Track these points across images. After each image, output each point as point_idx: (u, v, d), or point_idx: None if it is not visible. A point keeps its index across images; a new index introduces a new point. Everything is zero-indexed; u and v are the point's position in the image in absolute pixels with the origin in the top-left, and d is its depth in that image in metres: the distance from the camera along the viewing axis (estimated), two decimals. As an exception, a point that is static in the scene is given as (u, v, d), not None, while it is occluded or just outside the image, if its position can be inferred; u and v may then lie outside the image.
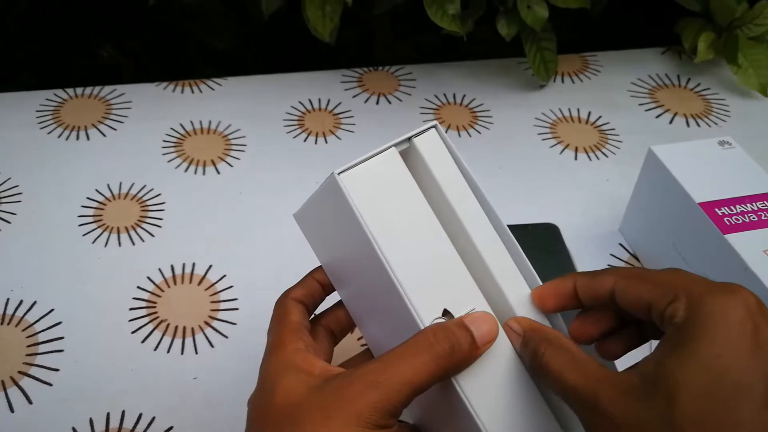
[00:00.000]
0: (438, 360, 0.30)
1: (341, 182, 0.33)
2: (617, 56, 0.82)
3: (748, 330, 0.25)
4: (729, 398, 0.23)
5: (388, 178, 0.35)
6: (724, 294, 0.26)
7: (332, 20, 0.65)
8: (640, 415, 0.25)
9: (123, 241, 0.59)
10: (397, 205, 0.34)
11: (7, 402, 0.48)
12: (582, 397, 0.28)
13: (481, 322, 0.32)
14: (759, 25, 0.74)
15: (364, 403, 0.28)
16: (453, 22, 0.65)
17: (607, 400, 0.26)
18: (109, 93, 0.74)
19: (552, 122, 0.73)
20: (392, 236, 0.33)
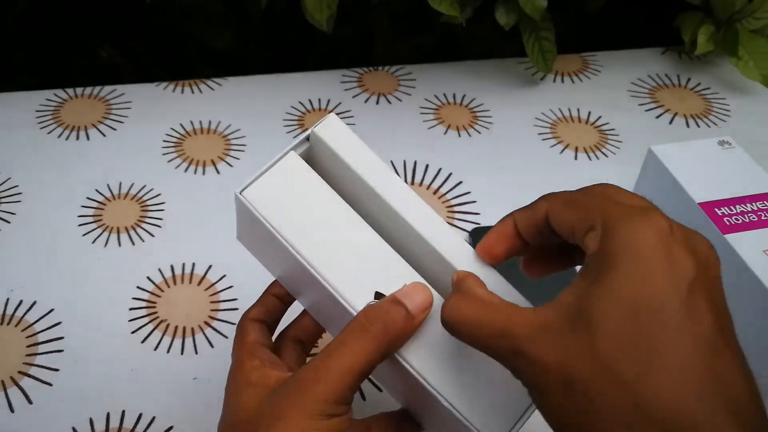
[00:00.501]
0: (374, 341, 0.30)
1: (244, 200, 0.34)
2: (617, 56, 0.82)
3: (660, 255, 0.24)
4: (647, 327, 0.23)
5: (293, 182, 0.35)
6: (634, 221, 0.25)
7: (330, 7, 0.65)
8: (562, 352, 0.24)
9: (123, 241, 0.59)
10: (307, 206, 0.35)
11: (7, 402, 0.48)
12: (501, 344, 0.26)
13: (414, 292, 0.32)
14: (759, 18, 0.74)
15: (309, 398, 0.29)
16: (452, 7, 0.65)
17: (527, 341, 0.25)
18: (109, 93, 0.74)
19: (552, 122, 0.73)
20: (309, 237, 0.34)
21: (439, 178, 0.66)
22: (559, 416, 0.25)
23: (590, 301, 0.24)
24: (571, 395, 0.24)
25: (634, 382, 0.23)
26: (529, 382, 0.26)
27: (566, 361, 0.24)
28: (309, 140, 0.37)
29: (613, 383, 0.23)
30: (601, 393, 0.23)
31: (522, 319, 0.26)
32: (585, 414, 0.24)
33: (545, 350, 0.25)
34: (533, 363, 0.25)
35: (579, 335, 0.24)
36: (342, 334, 0.31)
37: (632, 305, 0.24)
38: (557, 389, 0.24)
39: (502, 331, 0.26)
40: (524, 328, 0.26)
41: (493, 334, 0.27)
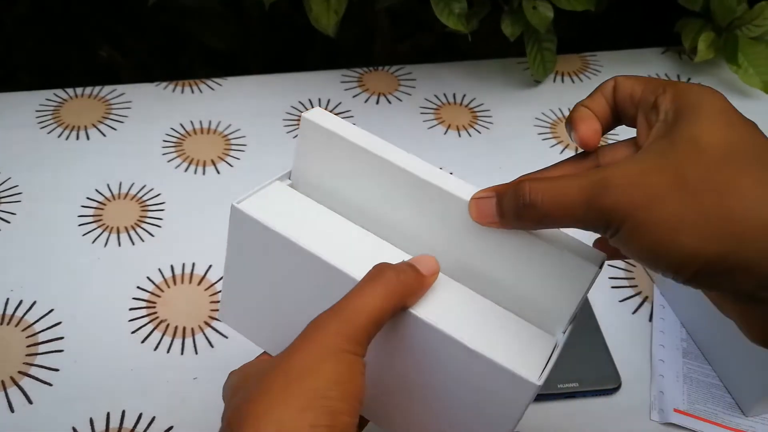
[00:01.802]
0: (387, 286, 0.31)
1: (242, 209, 0.35)
2: (617, 56, 0.82)
3: (733, 111, 0.29)
4: (738, 163, 0.27)
5: (282, 199, 0.37)
6: (702, 88, 0.30)
7: (337, 13, 0.65)
8: (654, 189, 0.27)
9: (123, 241, 0.59)
10: (299, 214, 0.37)
11: (7, 402, 0.48)
12: (599, 203, 0.28)
13: (422, 258, 0.34)
14: (759, 25, 0.74)
15: (327, 332, 0.29)
16: (459, 21, 0.65)
17: (625, 188, 0.28)
18: (109, 93, 0.74)
19: (552, 122, 0.73)
20: (308, 235, 0.35)
21: (439, 178, 0.66)
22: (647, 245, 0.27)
23: (679, 146, 0.28)
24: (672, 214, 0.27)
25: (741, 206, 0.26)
26: (625, 225, 0.28)
27: (658, 197, 0.27)
28: (290, 177, 0.40)
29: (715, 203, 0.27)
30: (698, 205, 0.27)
31: (617, 173, 0.28)
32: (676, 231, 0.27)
33: (644, 193, 0.27)
34: (637, 210, 0.27)
35: (667, 172, 0.27)
36: (358, 284, 0.32)
37: (722, 145, 0.28)
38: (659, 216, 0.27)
39: (595, 190, 0.28)
40: (622, 179, 0.28)
41: (589, 195, 0.28)
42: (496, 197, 0.33)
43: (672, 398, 0.49)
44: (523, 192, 0.30)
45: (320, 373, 0.28)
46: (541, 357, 0.33)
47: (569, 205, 0.29)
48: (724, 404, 0.49)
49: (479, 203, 0.34)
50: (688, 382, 0.50)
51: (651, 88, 0.31)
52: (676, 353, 0.52)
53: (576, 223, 0.29)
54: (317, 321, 0.30)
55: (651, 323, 0.54)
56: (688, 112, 0.29)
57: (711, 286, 0.29)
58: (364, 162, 0.37)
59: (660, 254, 0.28)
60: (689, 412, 0.48)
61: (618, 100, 0.33)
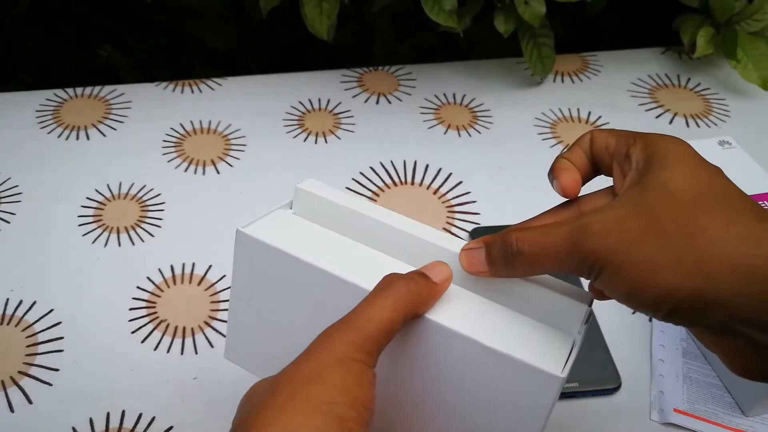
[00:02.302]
0: (397, 295, 0.31)
1: (249, 233, 0.36)
2: (617, 56, 0.82)
3: (699, 158, 0.32)
4: (687, 206, 0.30)
5: (285, 224, 0.38)
6: (669, 138, 0.33)
7: (329, 17, 0.65)
8: (629, 234, 0.29)
9: (123, 241, 0.59)
10: (304, 237, 0.37)
11: (7, 402, 0.48)
12: (580, 249, 0.30)
13: (433, 265, 0.34)
14: (758, 20, 0.74)
15: (337, 341, 0.30)
16: (450, 18, 0.65)
17: (603, 234, 0.30)
18: (109, 93, 0.74)
19: (552, 122, 0.73)
20: (316, 253, 0.35)
21: (439, 178, 0.66)
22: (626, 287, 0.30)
23: (650, 193, 0.31)
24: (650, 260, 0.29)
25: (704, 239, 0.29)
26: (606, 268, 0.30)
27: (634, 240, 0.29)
28: (291, 206, 0.40)
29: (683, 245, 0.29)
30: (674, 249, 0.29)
31: (595, 219, 0.31)
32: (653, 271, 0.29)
33: (620, 237, 0.30)
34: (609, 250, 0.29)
35: (641, 216, 0.30)
36: (370, 294, 0.32)
37: (690, 190, 0.30)
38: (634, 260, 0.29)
39: (575, 239, 0.30)
40: (600, 225, 0.30)
41: (568, 242, 0.31)
42: (484, 247, 0.34)
43: (672, 398, 0.49)
44: (511, 241, 0.32)
45: (328, 380, 0.28)
46: (561, 352, 0.32)
47: (554, 251, 0.31)
48: (724, 404, 0.49)
49: (469, 254, 0.35)
50: (688, 382, 0.50)
51: (623, 140, 0.34)
52: (676, 353, 0.52)
53: (561, 268, 0.32)
54: (327, 331, 0.30)
55: (651, 323, 0.54)
56: (657, 160, 0.32)
57: (689, 322, 0.30)
58: (354, 225, 0.37)
59: (638, 294, 0.30)
60: (689, 412, 0.48)
61: (595, 152, 0.36)
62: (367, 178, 0.66)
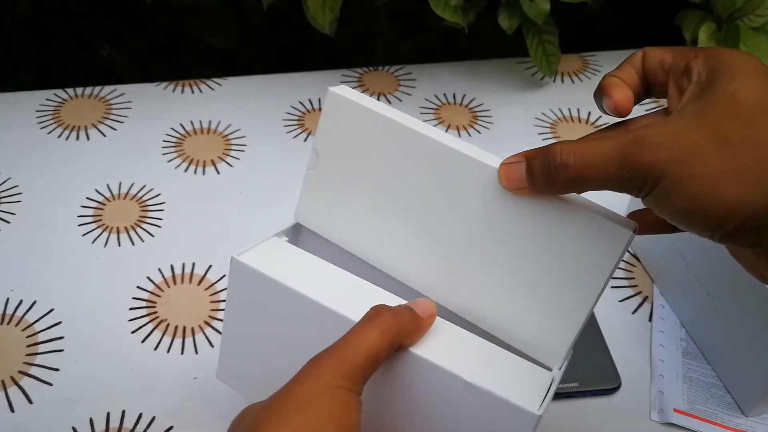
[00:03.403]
0: (383, 325, 0.32)
1: (243, 261, 0.37)
2: (617, 56, 0.82)
3: (762, 69, 0.29)
4: (758, 117, 0.27)
5: (279, 252, 0.39)
6: (735, 50, 0.30)
7: (332, 11, 0.65)
8: (692, 145, 0.27)
9: (123, 241, 0.59)
10: (296, 266, 0.38)
11: (7, 402, 0.48)
12: (634, 159, 0.28)
13: (419, 301, 0.35)
14: (760, 15, 0.74)
15: (324, 368, 0.30)
16: (455, 14, 0.65)
17: (662, 145, 0.28)
18: (109, 93, 0.74)
19: (552, 122, 0.73)
20: (307, 283, 0.36)
21: (439, 178, 0.66)
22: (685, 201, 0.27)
23: (717, 104, 0.28)
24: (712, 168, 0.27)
25: None
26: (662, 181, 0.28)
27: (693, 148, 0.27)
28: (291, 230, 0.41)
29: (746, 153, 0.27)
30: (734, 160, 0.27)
31: (653, 131, 0.28)
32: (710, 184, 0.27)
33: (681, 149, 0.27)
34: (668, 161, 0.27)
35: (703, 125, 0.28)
36: (355, 325, 0.32)
37: (761, 101, 0.28)
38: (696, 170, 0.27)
39: (634, 144, 0.28)
40: (658, 137, 0.28)
41: (619, 154, 0.28)
42: (525, 161, 0.32)
43: (672, 398, 0.49)
44: (554, 153, 0.30)
45: (316, 407, 0.29)
46: (539, 389, 0.33)
47: (602, 163, 0.29)
48: (724, 404, 0.49)
49: (509, 168, 0.33)
50: (688, 382, 0.50)
51: (681, 54, 0.32)
52: (676, 353, 0.52)
53: (609, 182, 0.29)
54: (315, 359, 0.31)
55: (651, 323, 0.54)
56: (724, 71, 0.29)
57: (752, 242, 0.28)
58: (389, 132, 0.37)
59: (699, 209, 0.27)
60: (689, 412, 0.48)
61: (647, 69, 0.33)
62: (367, 178, 0.66)
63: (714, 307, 0.48)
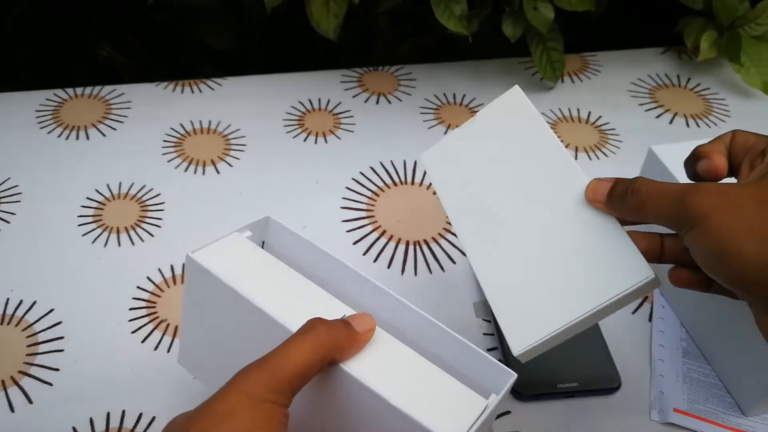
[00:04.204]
0: (315, 339, 0.32)
1: (197, 259, 0.37)
2: (617, 56, 0.82)
3: None
4: None
5: (237, 249, 0.39)
6: None
7: (336, 17, 0.65)
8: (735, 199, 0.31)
9: (123, 241, 0.59)
10: (251, 265, 0.38)
11: (7, 402, 0.48)
12: (685, 200, 0.32)
13: (358, 316, 0.35)
14: (761, 24, 0.74)
15: (250, 380, 0.30)
16: (459, 23, 0.65)
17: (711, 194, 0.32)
18: (109, 93, 0.74)
19: (552, 122, 0.73)
20: (256, 287, 0.36)
21: (439, 178, 0.66)
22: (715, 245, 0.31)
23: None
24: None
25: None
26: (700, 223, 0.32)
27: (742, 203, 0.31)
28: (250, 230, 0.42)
29: None
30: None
31: (710, 185, 0.33)
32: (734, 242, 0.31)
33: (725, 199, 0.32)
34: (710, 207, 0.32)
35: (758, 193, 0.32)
36: (288, 337, 0.33)
37: None
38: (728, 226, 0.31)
39: (691, 189, 0.33)
40: (712, 188, 0.32)
41: (677, 194, 0.33)
42: (614, 181, 0.37)
43: (672, 398, 0.49)
44: (634, 181, 0.36)
45: (239, 420, 0.29)
46: (468, 417, 0.33)
47: (663, 197, 0.34)
48: (724, 404, 0.49)
49: (598, 183, 0.38)
50: (688, 381, 0.50)
51: (763, 139, 0.36)
52: (676, 353, 0.52)
53: (664, 215, 0.34)
54: (243, 370, 0.31)
55: (651, 323, 0.54)
56: None
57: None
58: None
59: (725, 254, 0.31)
60: (689, 411, 0.48)
61: (734, 147, 0.37)
62: (367, 178, 0.66)
63: (714, 307, 0.48)
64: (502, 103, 0.46)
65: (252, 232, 0.41)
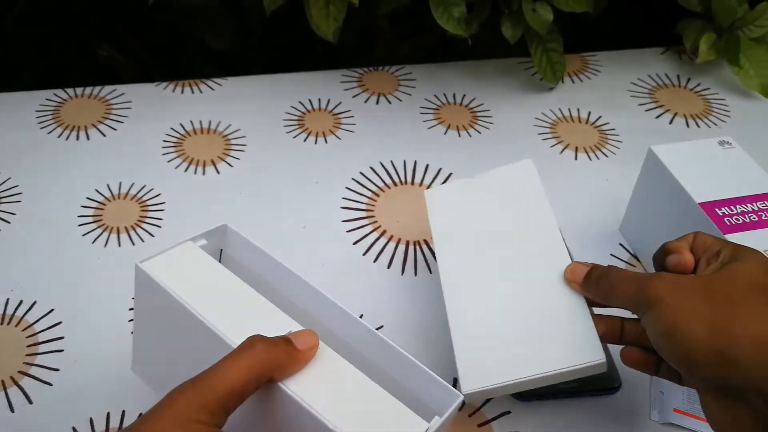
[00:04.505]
0: (253, 359, 0.32)
1: (145, 269, 0.38)
2: (617, 56, 0.82)
3: (764, 262, 0.38)
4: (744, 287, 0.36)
5: (189, 260, 0.39)
6: (754, 249, 0.39)
7: (336, 20, 0.65)
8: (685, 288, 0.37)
9: (123, 241, 0.59)
10: (201, 276, 0.38)
11: (7, 402, 0.48)
12: (644, 286, 0.38)
13: (301, 333, 0.35)
14: (760, 26, 0.74)
15: (181, 403, 0.30)
16: (459, 26, 0.65)
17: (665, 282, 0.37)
18: (109, 93, 0.74)
19: (552, 122, 0.73)
20: (202, 299, 0.36)
21: (439, 178, 0.66)
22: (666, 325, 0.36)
23: (721, 273, 0.37)
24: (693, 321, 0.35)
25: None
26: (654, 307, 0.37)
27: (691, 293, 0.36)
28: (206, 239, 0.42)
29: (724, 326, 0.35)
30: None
31: (666, 274, 0.39)
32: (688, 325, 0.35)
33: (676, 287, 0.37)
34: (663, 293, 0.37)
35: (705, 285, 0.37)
36: (228, 355, 0.32)
37: (755, 282, 0.36)
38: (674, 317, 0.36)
39: (648, 279, 0.38)
40: (667, 277, 0.38)
41: (639, 282, 0.39)
42: (591, 267, 0.43)
43: (672, 398, 0.49)
44: (608, 268, 0.42)
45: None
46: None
47: (628, 282, 0.39)
48: (724, 404, 0.49)
49: (577, 266, 0.44)
50: (688, 382, 0.50)
51: (720, 242, 0.40)
52: (676, 353, 0.52)
53: (628, 300, 0.39)
54: (175, 390, 0.31)
55: (651, 323, 0.54)
56: (738, 258, 0.38)
57: (709, 376, 0.35)
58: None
59: (672, 336, 0.36)
60: (689, 412, 0.48)
61: (694, 246, 0.42)
62: (367, 178, 0.66)
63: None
64: (512, 169, 0.51)
65: (207, 241, 0.41)
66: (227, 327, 0.35)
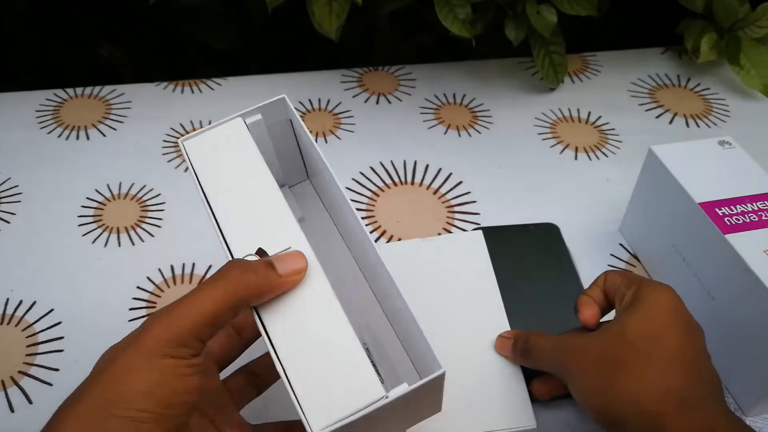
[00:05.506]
0: (227, 286, 0.31)
1: (182, 146, 0.38)
2: (617, 56, 0.82)
3: (669, 308, 0.39)
4: (629, 345, 0.37)
5: (232, 143, 0.38)
6: (657, 286, 0.40)
7: (339, 18, 0.65)
8: (585, 360, 0.39)
9: (123, 241, 0.59)
10: (234, 165, 0.37)
11: (7, 402, 0.48)
12: (559, 358, 0.41)
13: (288, 257, 0.33)
14: (761, 26, 0.74)
15: (149, 336, 0.30)
16: (463, 27, 0.65)
17: (573, 354, 0.40)
18: (109, 93, 0.74)
19: (552, 122, 0.73)
20: (223, 190, 0.36)
21: (439, 178, 0.66)
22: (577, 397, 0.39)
23: (613, 329, 0.39)
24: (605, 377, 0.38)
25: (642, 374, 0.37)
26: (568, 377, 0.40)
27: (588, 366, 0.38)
28: (260, 112, 0.40)
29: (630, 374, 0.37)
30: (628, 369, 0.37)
31: (576, 342, 0.40)
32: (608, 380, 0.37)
33: (583, 358, 0.39)
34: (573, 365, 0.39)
35: (601, 349, 0.38)
36: (201, 283, 0.32)
37: (637, 333, 0.38)
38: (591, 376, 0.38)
39: (561, 345, 0.41)
40: (575, 346, 0.40)
41: (556, 348, 0.41)
42: (513, 339, 0.45)
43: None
44: (528, 340, 0.44)
45: (129, 382, 0.29)
46: (346, 407, 0.30)
47: (547, 355, 0.42)
48: (724, 404, 0.49)
49: (502, 340, 0.46)
50: (688, 382, 0.50)
51: (626, 282, 0.41)
52: (676, 353, 0.52)
53: (553, 370, 0.42)
54: (144, 323, 0.31)
55: (651, 323, 0.54)
56: (634, 303, 0.39)
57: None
58: None
59: (583, 407, 0.39)
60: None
61: (606, 289, 0.43)
62: (367, 178, 0.66)
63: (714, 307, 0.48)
64: (465, 237, 0.54)
65: (262, 116, 0.39)
66: (232, 228, 0.35)
